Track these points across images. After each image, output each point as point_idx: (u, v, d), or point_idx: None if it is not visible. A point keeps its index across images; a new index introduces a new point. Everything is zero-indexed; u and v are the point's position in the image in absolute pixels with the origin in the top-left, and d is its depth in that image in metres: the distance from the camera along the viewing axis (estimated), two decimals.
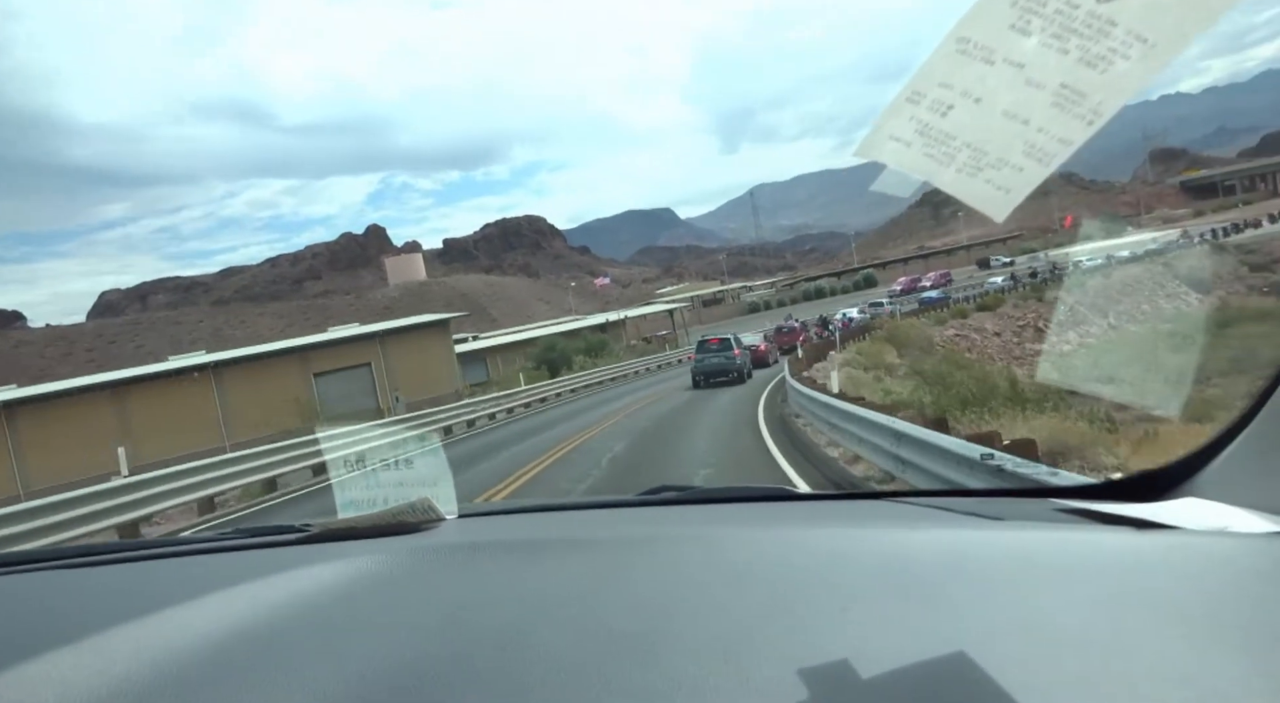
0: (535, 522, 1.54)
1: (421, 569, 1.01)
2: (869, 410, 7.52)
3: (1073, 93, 0.78)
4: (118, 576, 1.28)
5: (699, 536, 1.11)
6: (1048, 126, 0.80)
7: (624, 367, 39.43)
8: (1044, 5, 0.78)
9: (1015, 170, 0.82)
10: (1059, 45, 0.78)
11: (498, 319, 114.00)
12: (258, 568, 1.11)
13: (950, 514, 1.18)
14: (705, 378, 24.02)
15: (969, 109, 0.83)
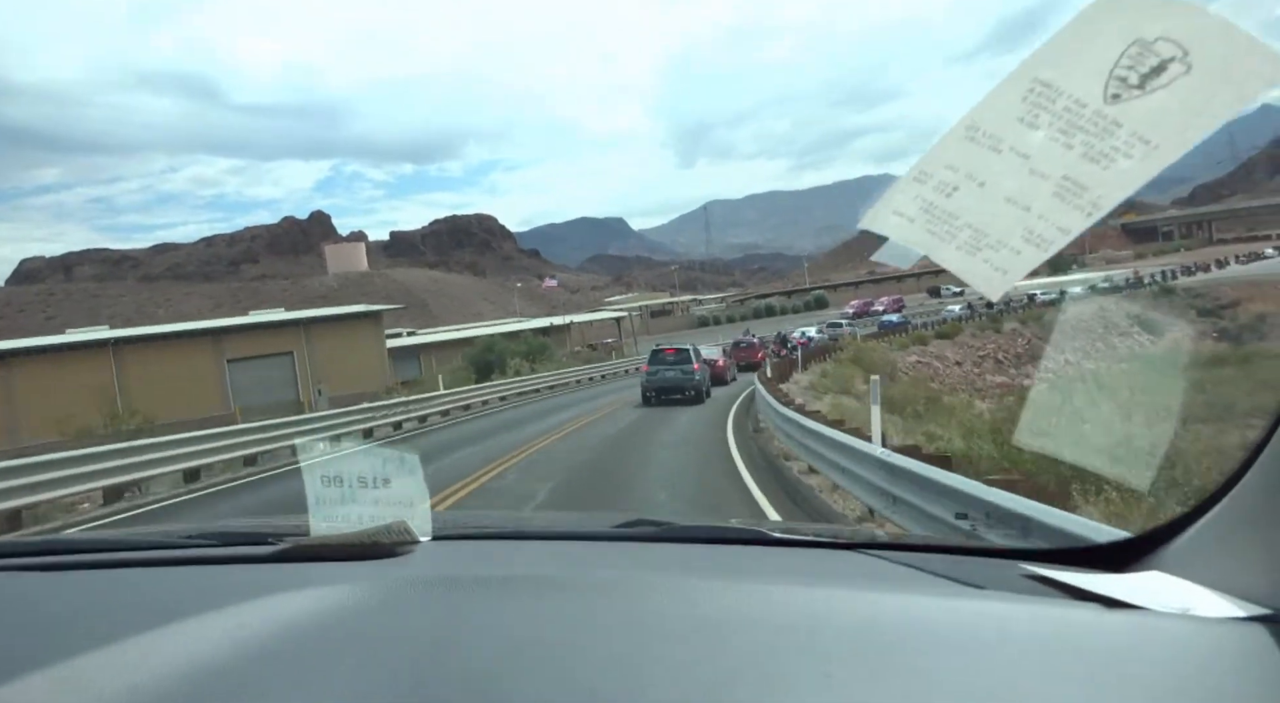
0: (510, 551, 1.52)
1: (396, 602, 1.01)
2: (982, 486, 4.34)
3: (1075, 185, 0.85)
4: (87, 584, 1.27)
5: (675, 585, 1.08)
6: (1048, 215, 0.86)
7: (566, 374, 35.70)
8: (1053, 102, 0.86)
9: (1013, 253, 0.88)
10: (1065, 140, 0.85)
11: (439, 316, 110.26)
12: (233, 587, 1.12)
13: (925, 576, 1.18)
14: (658, 394, 20.91)
15: (973, 192, 0.90)
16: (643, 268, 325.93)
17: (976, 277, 0.91)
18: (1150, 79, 0.83)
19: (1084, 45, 0.86)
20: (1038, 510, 3.38)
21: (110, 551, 1.50)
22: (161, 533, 1.68)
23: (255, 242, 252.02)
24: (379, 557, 1.27)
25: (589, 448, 13.64)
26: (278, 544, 1.35)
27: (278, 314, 50.89)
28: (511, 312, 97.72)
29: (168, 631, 0.88)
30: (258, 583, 1.13)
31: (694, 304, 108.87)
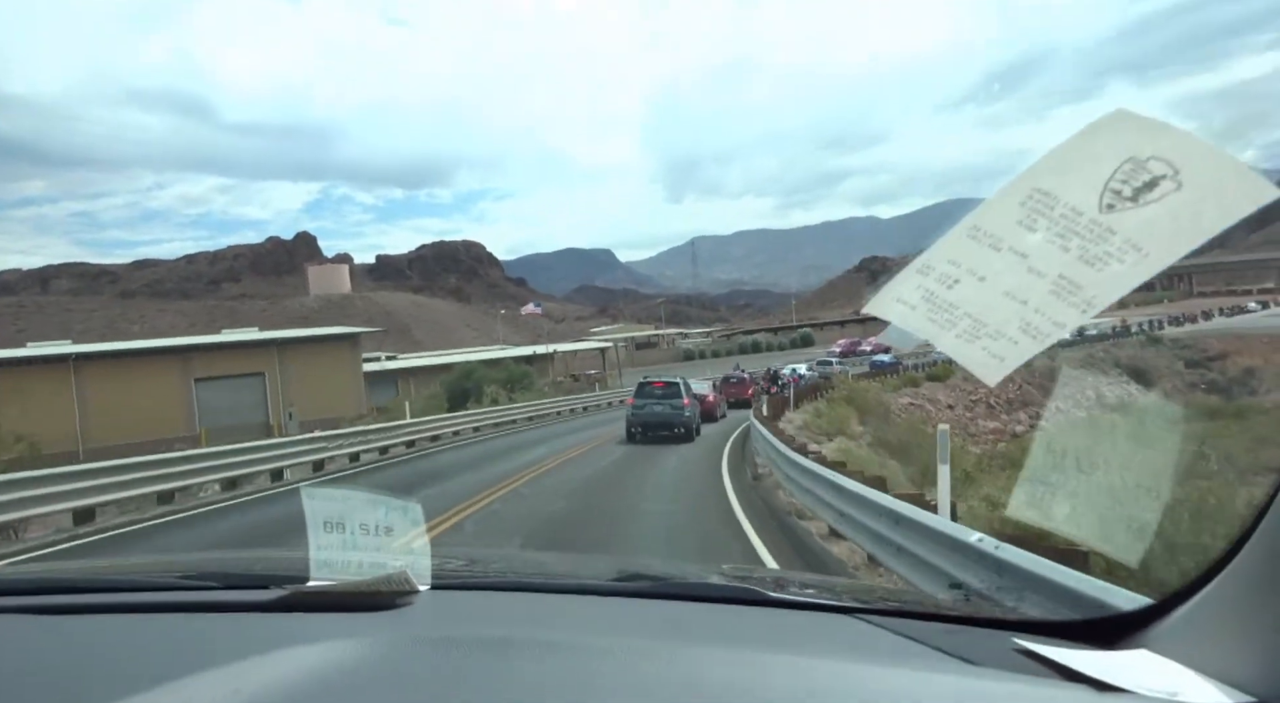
0: (509, 604, 1.54)
1: (396, 661, 1.02)
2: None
3: (1070, 284, 0.91)
4: (83, 631, 1.26)
5: (671, 652, 1.11)
6: (1044, 309, 0.92)
7: (546, 405, 33.87)
8: (1051, 209, 0.93)
9: (1010, 342, 0.94)
10: (1061, 243, 0.92)
11: (421, 341, 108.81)
12: (233, 638, 1.16)
13: (918, 647, 1.20)
14: (644, 430, 19.28)
15: (973, 285, 0.97)
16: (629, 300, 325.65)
17: (975, 363, 0.96)
18: (1143, 193, 0.89)
19: (1082, 159, 0.93)
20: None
21: (108, 590, 1.50)
22: (159, 568, 1.68)
23: (238, 261, 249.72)
24: (379, 608, 1.27)
25: (565, 494, 11.91)
26: (278, 590, 1.35)
27: (250, 334, 49.28)
28: (495, 339, 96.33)
29: (171, 688, 0.89)
30: (258, 634, 1.15)
31: (680, 337, 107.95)
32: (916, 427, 24.68)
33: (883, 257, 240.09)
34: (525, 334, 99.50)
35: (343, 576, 1.34)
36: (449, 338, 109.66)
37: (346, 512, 1.40)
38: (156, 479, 12.03)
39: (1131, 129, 0.91)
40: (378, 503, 1.41)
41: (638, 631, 1.36)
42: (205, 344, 44.54)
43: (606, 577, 1.68)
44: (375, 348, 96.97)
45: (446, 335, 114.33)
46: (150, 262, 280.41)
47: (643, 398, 19.68)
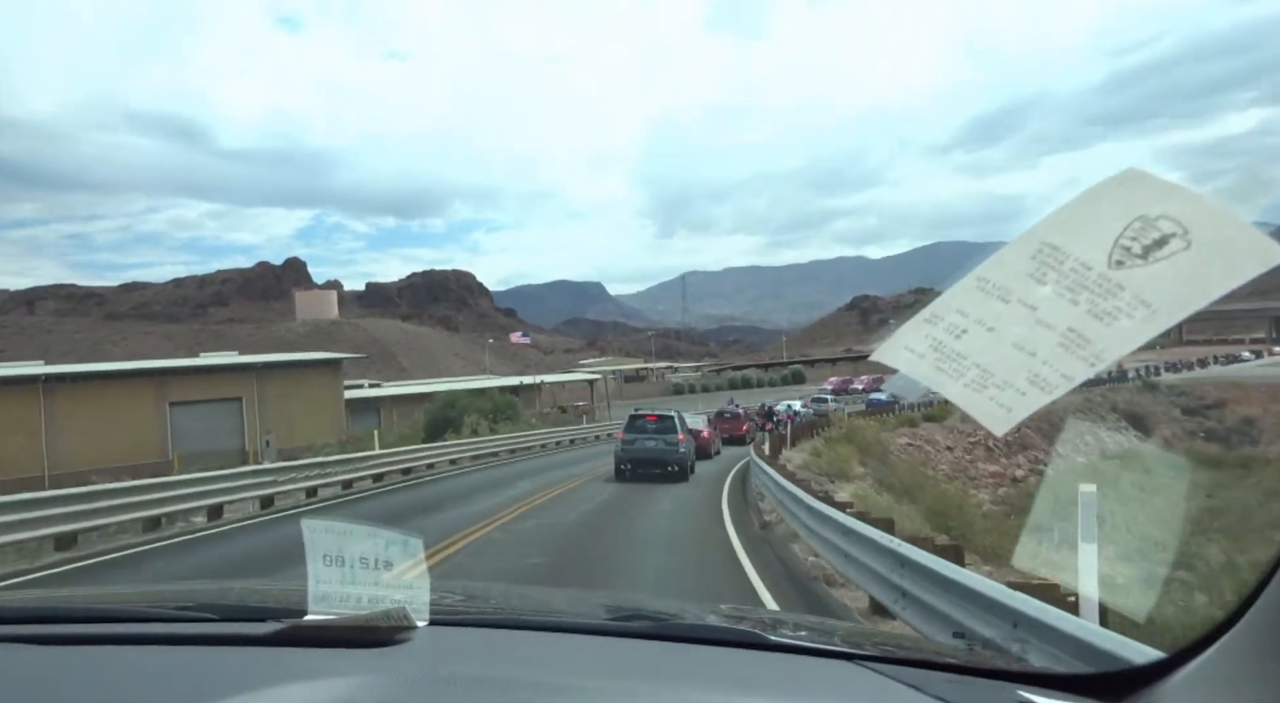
0: (507, 642, 1.52)
1: (393, 699, 1.01)
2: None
3: (1079, 337, 0.92)
4: (82, 662, 1.25)
5: (670, 696, 1.10)
6: (1052, 362, 0.93)
7: (530, 437, 32.21)
8: (1061, 263, 0.94)
9: (1018, 393, 0.94)
10: (1070, 297, 0.93)
11: (408, 369, 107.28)
12: (231, 672, 1.15)
13: (920, 697, 1.18)
14: (635, 467, 17.95)
15: (981, 336, 0.98)
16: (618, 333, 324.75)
17: (982, 413, 0.97)
18: (1152, 251, 0.90)
19: (1092, 215, 0.94)
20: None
21: (105, 620, 1.50)
22: (155, 599, 1.65)
23: (226, 285, 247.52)
24: (376, 644, 1.26)
25: (544, 543, 10.41)
26: (275, 624, 1.34)
27: (227, 357, 47.95)
28: (483, 368, 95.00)
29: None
30: (255, 669, 1.14)
31: (669, 372, 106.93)
32: (917, 469, 23.61)
33: (874, 296, 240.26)
34: (513, 364, 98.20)
35: (341, 610, 1.32)
36: (436, 366, 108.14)
37: (346, 544, 1.38)
38: (59, 519, 10.36)
39: (1141, 188, 0.92)
40: (378, 536, 1.39)
41: (637, 673, 1.33)
42: (182, 367, 43.23)
43: (605, 616, 1.66)
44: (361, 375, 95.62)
45: (434, 364, 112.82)
46: (138, 284, 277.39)
47: (634, 432, 18.30)
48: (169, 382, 41.03)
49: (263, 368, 44.23)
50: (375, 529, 1.41)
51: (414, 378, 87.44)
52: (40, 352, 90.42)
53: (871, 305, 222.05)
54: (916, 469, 22.71)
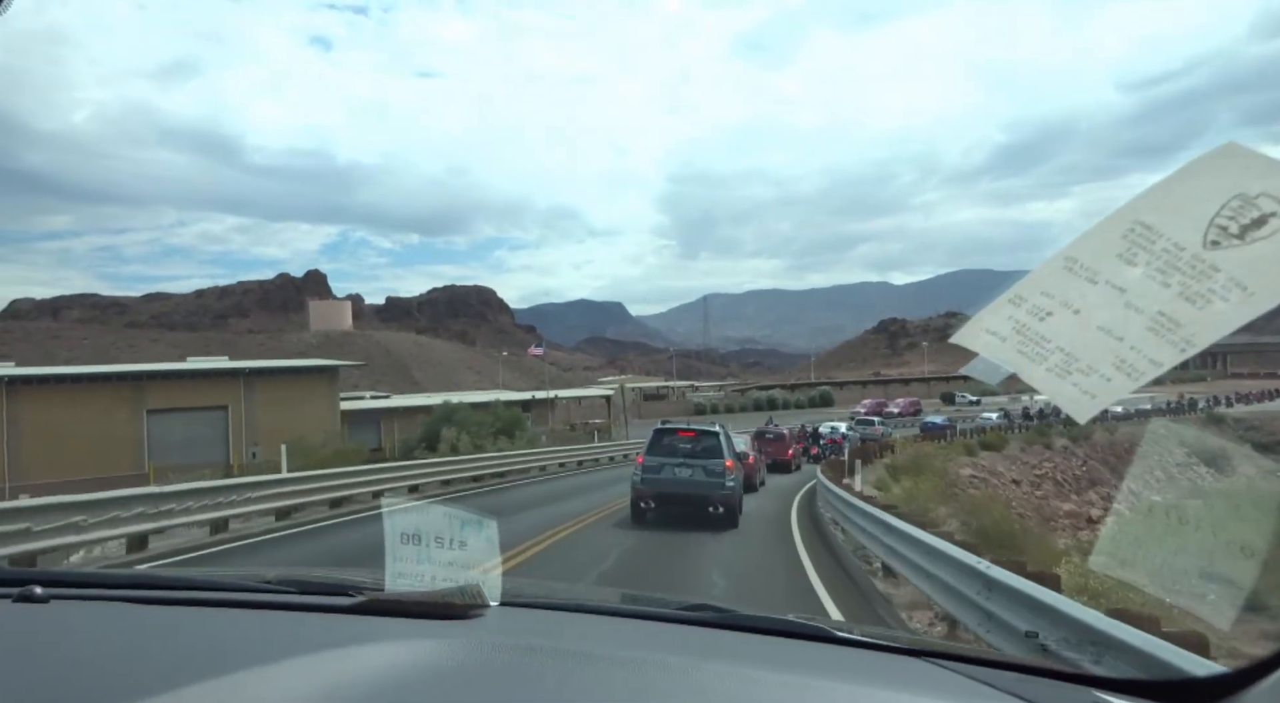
0: (576, 624, 1.54)
1: (470, 665, 1.04)
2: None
3: (1169, 321, 0.89)
4: (178, 619, 1.33)
5: (739, 675, 1.09)
6: (1140, 346, 0.90)
7: (526, 458, 26.60)
8: (1152, 244, 0.91)
9: (1103, 379, 0.92)
10: (1162, 279, 0.90)
11: (421, 382, 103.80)
12: (311, 634, 1.19)
13: (990, 692, 1.16)
14: (660, 505, 12.81)
15: (1067, 318, 0.95)
16: (638, 353, 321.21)
17: (1065, 398, 0.94)
18: (1250, 230, 0.87)
19: (1186, 194, 0.91)
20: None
21: (197, 589, 1.57)
22: (243, 576, 1.73)
23: (247, 296, 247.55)
24: (451, 617, 1.30)
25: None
26: (356, 597, 1.40)
27: (210, 362, 44.33)
28: (497, 383, 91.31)
29: (260, 672, 0.92)
30: (337, 633, 1.17)
31: (690, 390, 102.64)
32: (1005, 511, 19.22)
33: (902, 319, 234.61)
34: (529, 380, 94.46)
35: (417, 586, 1.38)
36: (450, 380, 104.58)
37: (423, 525, 1.42)
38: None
39: (1240, 164, 0.88)
40: (453, 517, 1.44)
41: (708, 655, 1.31)
42: (162, 371, 39.63)
43: (672, 607, 1.65)
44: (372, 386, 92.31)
45: (447, 377, 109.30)
46: (161, 295, 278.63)
47: (660, 454, 12.97)
48: (147, 387, 37.48)
49: (251, 374, 40.51)
50: (450, 509, 1.45)
51: (426, 391, 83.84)
52: (45, 357, 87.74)
53: (900, 328, 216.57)
54: (1006, 513, 18.33)
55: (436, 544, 1.41)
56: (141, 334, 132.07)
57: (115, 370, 39.02)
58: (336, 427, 43.80)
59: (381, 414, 49.24)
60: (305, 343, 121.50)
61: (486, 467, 22.92)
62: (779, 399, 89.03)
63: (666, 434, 13.49)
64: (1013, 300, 0.97)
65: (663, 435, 13.45)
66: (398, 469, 19.31)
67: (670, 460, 12.94)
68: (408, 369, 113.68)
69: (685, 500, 12.77)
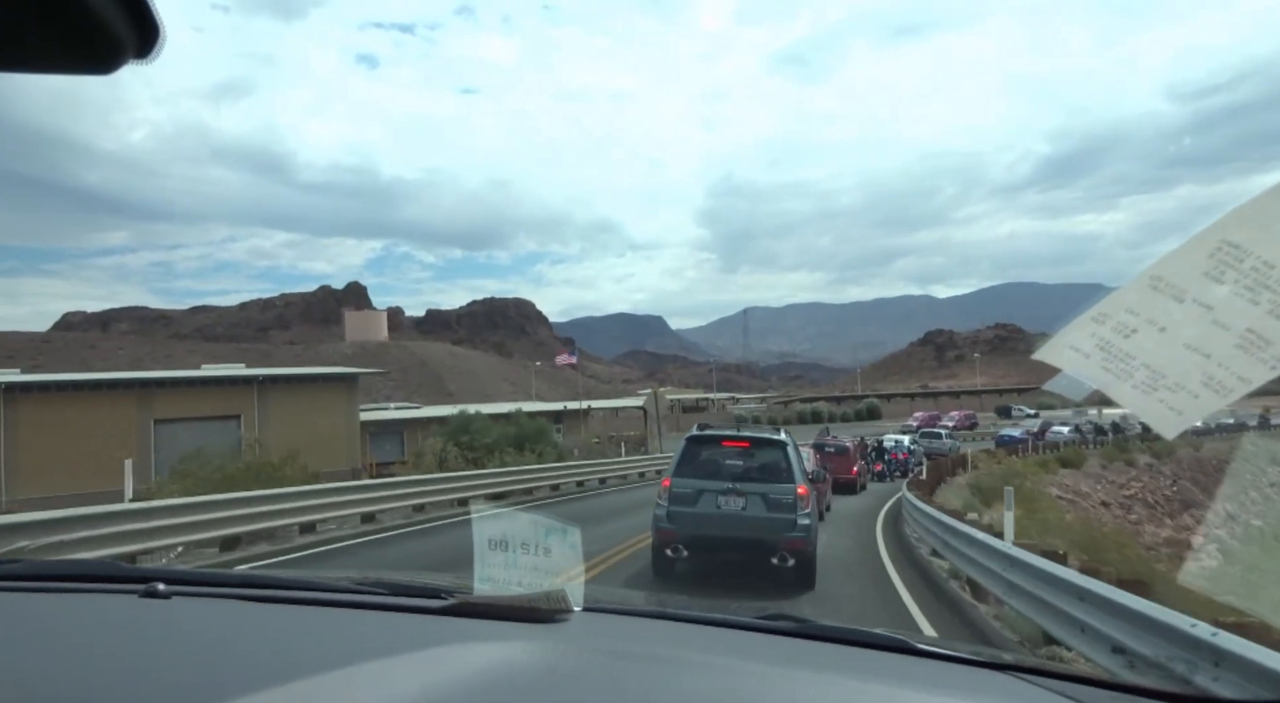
0: (657, 630, 1.57)
1: (559, 667, 1.07)
2: None
3: (1259, 339, 0.89)
4: (285, 617, 1.42)
5: (816, 682, 1.11)
6: (1229, 364, 0.90)
7: (531, 475, 21.63)
8: (1240, 262, 0.91)
9: (1191, 396, 0.92)
10: (1251, 297, 0.90)
11: (454, 393, 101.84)
12: (407, 633, 1.25)
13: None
14: (696, 551, 8.86)
15: (1152, 336, 0.95)
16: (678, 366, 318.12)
17: (1152, 415, 0.95)
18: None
19: (1276, 214, 0.90)
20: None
21: (298, 589, 1.62)
22: (337, 579, 1.77)
23: (289, 308, 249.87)
24: (538, 620, 1.32)
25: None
26: (447, 599, 1.44)
27: (223, 369, 42.21)
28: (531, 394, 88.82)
29: (361, 670, 0.97)
30: (431, 634, 1.23)
31: (731, 402, 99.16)
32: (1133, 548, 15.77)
33: (948, 330, 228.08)
34: (565, 391, 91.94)
35: (504, 590, 1.43)
36: (484, 391, 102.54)
37: (510, 531, 1.48)
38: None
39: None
40: (538, 524, 1.49)
41: (789, 663, 1.29)
42: (171, 379, 37.42)
43: (753, 615, 1.66)
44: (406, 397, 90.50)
45: (482, 388, 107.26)
46: (206, 308, 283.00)
47: (695, 474, 8.92)
48: (155, 395, 35.32)
49: (265, 382, 38.18)
50: (536, 517, 1.50)
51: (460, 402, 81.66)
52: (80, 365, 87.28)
53: (948, 340, 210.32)
54: (1135, 550, 14.92)
55: (522, 550, 1.46)
56: (180, 345, 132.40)
57: (120, 378, 36.93)
58: (356, 437, 41.46)
59: (405, 425, 46.73)
60: (340, 354, 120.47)
61: (493, 485, 19.07)
62: (824, 412, 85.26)
63: (705, 445, 9.29)
64: (1096, 318, 0.98)
65: (700, 447, 9.27)
66: (369, 491, 14.72)
67: (711, 485, 8.77)
68: (441, 380, 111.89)
69: (734, 545, 8.65)
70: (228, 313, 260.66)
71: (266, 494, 12.00)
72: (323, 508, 13.09)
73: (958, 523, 9.46)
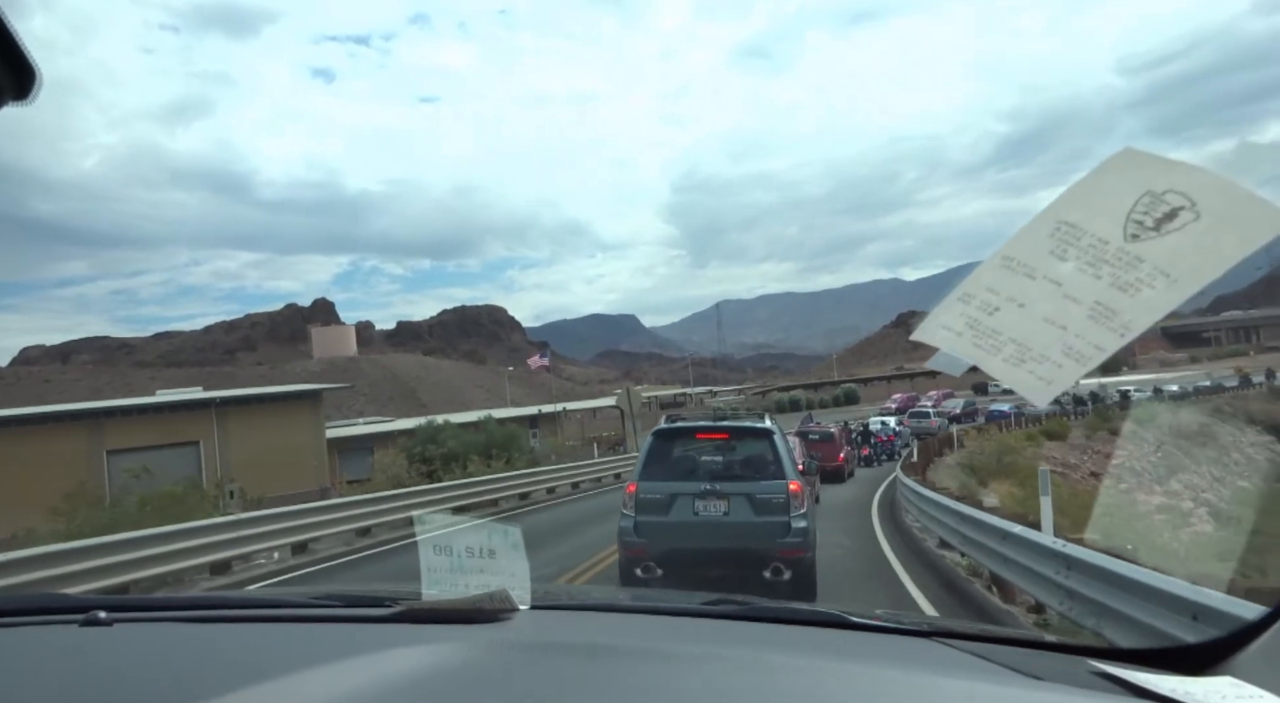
0: (603, 622, 1.60)
1: (497, 665, 1.10)
2: None
3: (1106, 310, 0.95)
4: (230, 636, 1.43)
5: (754, 660, 1.15)
6: (1084, 334, 0.96)
7: (488, 486, 19.79)
8: (1079, 239, 0.98)
9: (1055, 366, 0.98)
10: (1093, 272, 0.97)
11: (428, 404, 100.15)
12: (351, 643, 1.25)
13: (992, 666, 1.20)
14: (672, 568, 7.19)
15: (1014, 312, 1.02)
16: (653, 363, 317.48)
17: (1023, 386, 1.01)
18: (1164, 224, 0.93)
19: (1101, 194, 0.97)
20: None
21: (250, 607, 1.67)
22: (290, 594, 1.79)
23: (255, 329, 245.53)
24: (484, 621, 1.36)
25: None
26: (394, 606, 1.47)
27: (178, 394, 40.60)
28: (506, 400, 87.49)
29: (300, 678, 0.98)
30: (377, 640, 1.25)
31: (709, 396, 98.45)
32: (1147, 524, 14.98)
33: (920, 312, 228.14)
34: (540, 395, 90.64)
35: (450, 594, 1.45)
36: (458, 400, 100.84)
37: (453, 536, 1.52)
38: None
39: (1143, 165, 0.94)
40: (481, 527, 1.52)
41: (725, 643, 1.38)
42: (122, 408, 35.81)
43: (696, 603, 1.71)
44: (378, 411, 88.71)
45: (456, 398, 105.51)
46: (169, 334, 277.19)
47: (665, 476, 7.60)
48: (107, 425, 33.70)
49: (224, 404, 36.70)
50: (480, 522, 1.53)
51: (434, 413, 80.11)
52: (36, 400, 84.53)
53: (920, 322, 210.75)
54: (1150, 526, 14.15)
55: (467, 554, 1.48)
56: (141, 373, 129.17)
57: (69, 409, 35.27)
58: (324, 456, 40.08)
59: (376, 440, 45.31)
60: (308, 372, 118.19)
61: (429, 503, 16.77)
62: (802, 400, 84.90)
63: (676, 440, 7.93)
64: (962, 298, 1.03)
65: (670, 442, 7.89)
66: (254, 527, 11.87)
67: (686, 488, 7.38)
68: (414, 392, 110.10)
69: (718, 559, 7.20)
70: (192, 338, 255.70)
71: (156, 534, 10.39)
72: (236, 543, 11.44)
73: (979, 513, 8.26)
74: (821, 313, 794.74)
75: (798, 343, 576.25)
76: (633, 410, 27.62)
